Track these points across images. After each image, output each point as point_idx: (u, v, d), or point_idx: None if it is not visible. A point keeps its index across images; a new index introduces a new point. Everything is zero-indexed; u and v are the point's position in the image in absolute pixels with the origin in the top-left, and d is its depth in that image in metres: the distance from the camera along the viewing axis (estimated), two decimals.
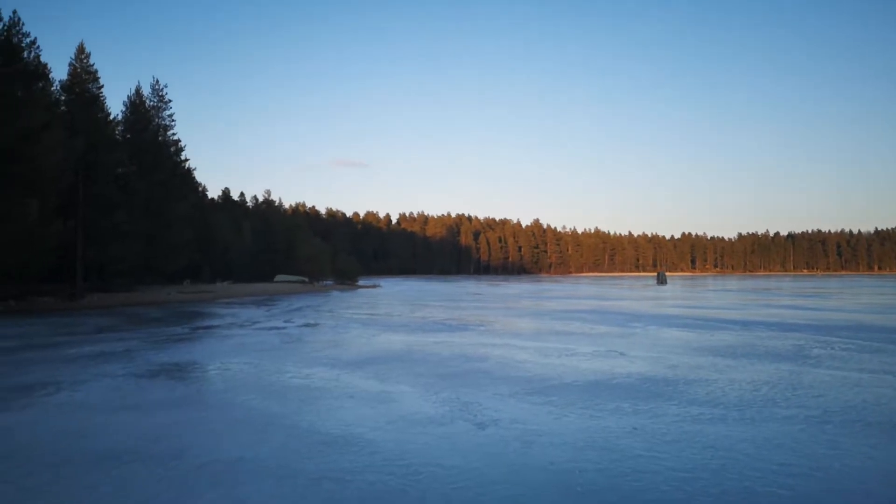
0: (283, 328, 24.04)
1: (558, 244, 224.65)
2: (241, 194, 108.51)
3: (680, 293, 60.45)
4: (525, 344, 17.88)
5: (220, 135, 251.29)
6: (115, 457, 7.05)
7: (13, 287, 37.45)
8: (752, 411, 9.32)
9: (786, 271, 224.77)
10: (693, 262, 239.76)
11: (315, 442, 7.73)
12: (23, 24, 36.89)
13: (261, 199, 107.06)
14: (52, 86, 44.07)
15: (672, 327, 23.00)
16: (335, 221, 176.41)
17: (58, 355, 15.84)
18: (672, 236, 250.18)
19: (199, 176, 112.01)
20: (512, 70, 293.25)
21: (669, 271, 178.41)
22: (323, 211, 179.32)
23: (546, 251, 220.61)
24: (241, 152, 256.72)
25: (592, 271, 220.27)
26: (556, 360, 14.55)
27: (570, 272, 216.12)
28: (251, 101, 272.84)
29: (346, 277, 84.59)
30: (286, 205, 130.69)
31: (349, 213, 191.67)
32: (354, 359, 15.11)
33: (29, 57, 37.73)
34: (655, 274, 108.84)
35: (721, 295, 55.77)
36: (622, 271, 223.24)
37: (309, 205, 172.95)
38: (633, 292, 61.96)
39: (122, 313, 32.32)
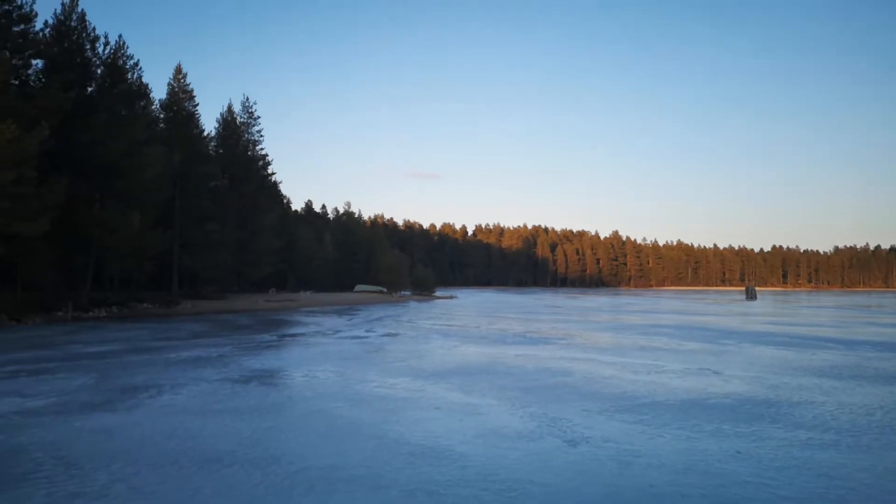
0: (365, 337, 24.43)
1: (638, 256, 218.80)
2: (323, 206, 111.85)
3: (772, 309, 57.43)
4: (610, 359, 17.39)
5: (302, 148, 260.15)
6: (217, 459, 7.29)
7: (116, 294, 39.95)
8: (867, 438, 8.65)
9: (888, 288, 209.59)
10: (784, 276, 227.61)
11: (404, 453, 7.73)
12: (127, 47, 39.50)
13: (341, 210, 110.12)
14: (152, 104, 47.00)
15: (767, 345, 21.80)
16: (412, 233, 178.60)
17: (158, 359, 16.68)
18: (761, 249, 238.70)
19: (284, 189, 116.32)
20: (586, 80, 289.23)
21: (759, 286, 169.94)
22: (400, 222, 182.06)
23: (626, 264, 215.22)
24: (322, 165, 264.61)
25: (674, 285, 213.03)
26: (645, 377, 14.04)
27: (651, 286, 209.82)
28: (331, 114, 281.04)
29: (423, 288, 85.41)
30: (365, 216, 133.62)
31: (426, 225, 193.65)
32: (437, 370, 15.12)
33: (132, 78, 40.35)
34: (744, 288, 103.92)
35: (818, 311, 52.59)
36: (707, 285, 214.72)
37: (387, 216, 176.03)
38: (720, 307, 59.37)
39: (214, 320, 33.81)
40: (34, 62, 34.85)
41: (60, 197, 29.27)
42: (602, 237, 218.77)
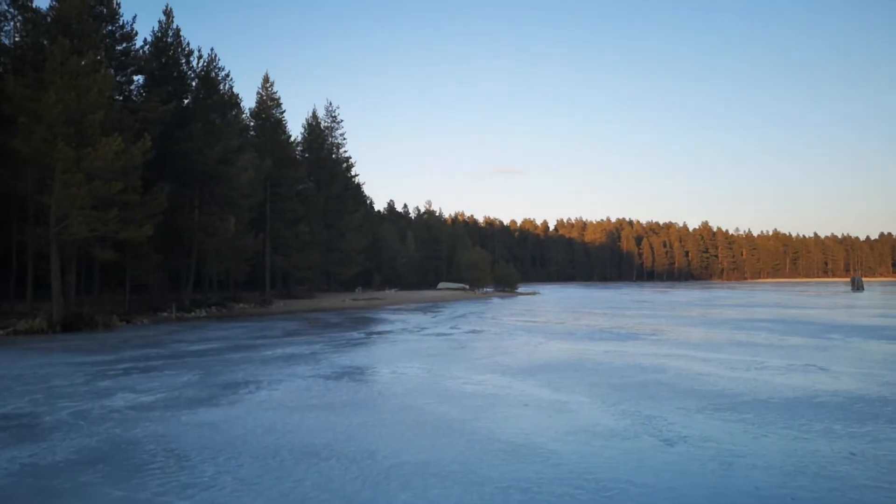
0: (450, 334, 24.59)
1: (730, 248, 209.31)
2: (405, 205, 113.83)
3: (881, 300, 53.47)
4: (706, 355, 16.70)
5: (383, 149, 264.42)
6: (315, 453, 7.53)
7: (215, 294, 42.09)
8: None
9: None
10: (895, 265, 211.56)
11: (496, 450, 7.71)
12: (218, 59, 41.48)
13: (423, 209, 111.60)
14: (243, 113, 49.17)
15: (879, 339, 20.32)
16: (493, 229, 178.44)
17: (255, 356, 17.44)
18: (867, 237, 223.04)
19: (367, 189, 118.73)
20: (666, 67, 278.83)
21: (866, 276, 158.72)
22: (481, 219, 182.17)
23: (717, 256, 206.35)
24: (403, 165, 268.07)
25: (771, 277, 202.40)
26: (745, 374, 13.39)
27: (746, 278, 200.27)
28: (410, 114, 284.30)
29: (506, 284, 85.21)
30: (446, 214, 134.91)
31: (506, 221, 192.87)
32: (524, 366, 15.02)
33: (224, 88, 42.34)
34: (849, 279, 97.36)
35: None
36: (807, 276, 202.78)
37: (468, 214, 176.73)
38: (823, 300, 55.87)
39: (305, 318, 35.02)
40: (136, 78, 37.24)
41: (163, 204, 31.10)
42: (691, 228, 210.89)
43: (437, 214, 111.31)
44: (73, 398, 11.30)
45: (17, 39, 32.94)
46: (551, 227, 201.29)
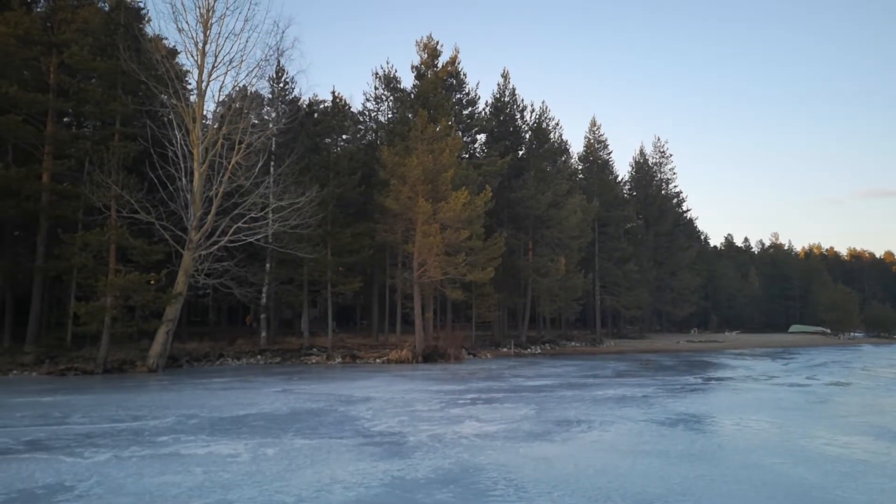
0: (807, 385, 21.53)
1: None
2: (745, 239, 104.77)
3: None
4: None
5: (719, 180, 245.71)
6: (649, 502, 7.28)
7: (548, 332, 44.03)
8: None
9: None
10: None
11: None
12: (549, 110, 44.29)
13: (767, 243, 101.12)
14: (571, 158, 51.33)
15: None
16: (860, 263, 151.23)
17: (587, 395, 17.67)
18: None
19: (700, 224, 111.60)
20: None
21: None
22: (844, 251, 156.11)
23: None
24: (743, 195, 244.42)
25: None
26: None
27: None
28: (751, 137, 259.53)
29: (880, 329, 71.49)
30: (797, 247, 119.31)
31: (879, 253, 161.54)
32: None
33: (554, 137, 44.84)
34: None
35: None
36: None
37: (825, 245, 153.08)
38: None
39: (636, 359, 34.27)
40: (478, 136, 41.85)
41: (502, 247, 33.99)
42: None
43: (786, 248, 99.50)
44: (431, 422, 12.89)
45: (389, 116, 39.97)
46: None
